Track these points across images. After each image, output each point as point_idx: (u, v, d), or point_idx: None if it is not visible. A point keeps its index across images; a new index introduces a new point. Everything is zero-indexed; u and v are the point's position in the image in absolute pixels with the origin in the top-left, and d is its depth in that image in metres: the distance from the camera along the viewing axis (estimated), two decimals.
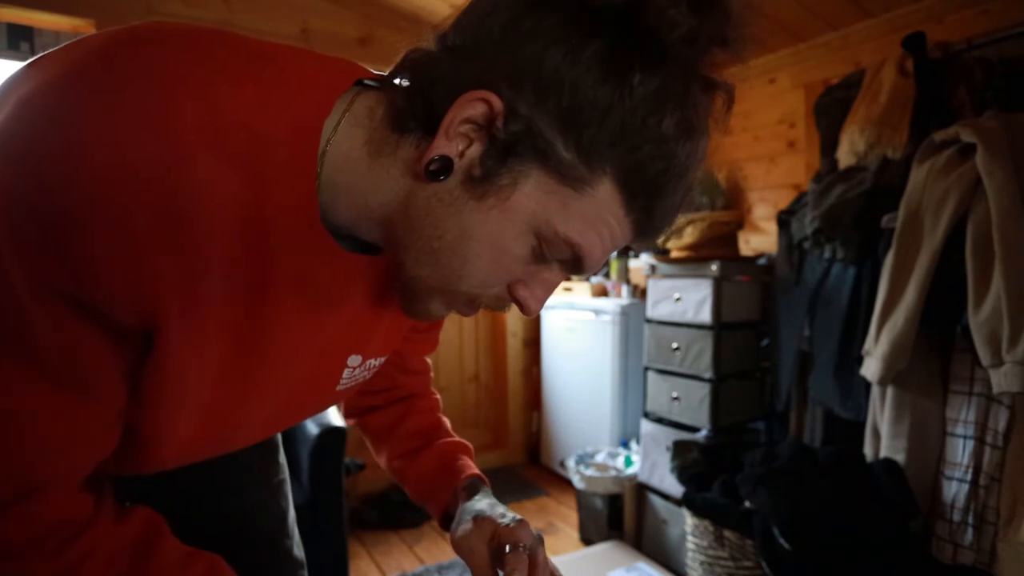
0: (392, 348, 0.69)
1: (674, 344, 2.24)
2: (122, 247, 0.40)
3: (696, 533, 1.85)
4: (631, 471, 2.40)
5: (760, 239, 2.54)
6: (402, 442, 0.81)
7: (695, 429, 2.20)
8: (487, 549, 0.61)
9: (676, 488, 2.06)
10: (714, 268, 2.13)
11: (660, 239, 0.53)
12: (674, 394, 2.25)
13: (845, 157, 1.92)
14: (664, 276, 2.33)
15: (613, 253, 0.65)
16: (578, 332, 2.95)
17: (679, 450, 2.05)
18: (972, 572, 1.44)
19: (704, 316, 2.13)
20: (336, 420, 1.85)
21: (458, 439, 0.81)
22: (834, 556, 1.48)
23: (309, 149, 0.46)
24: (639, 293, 2.86)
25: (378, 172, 0.48)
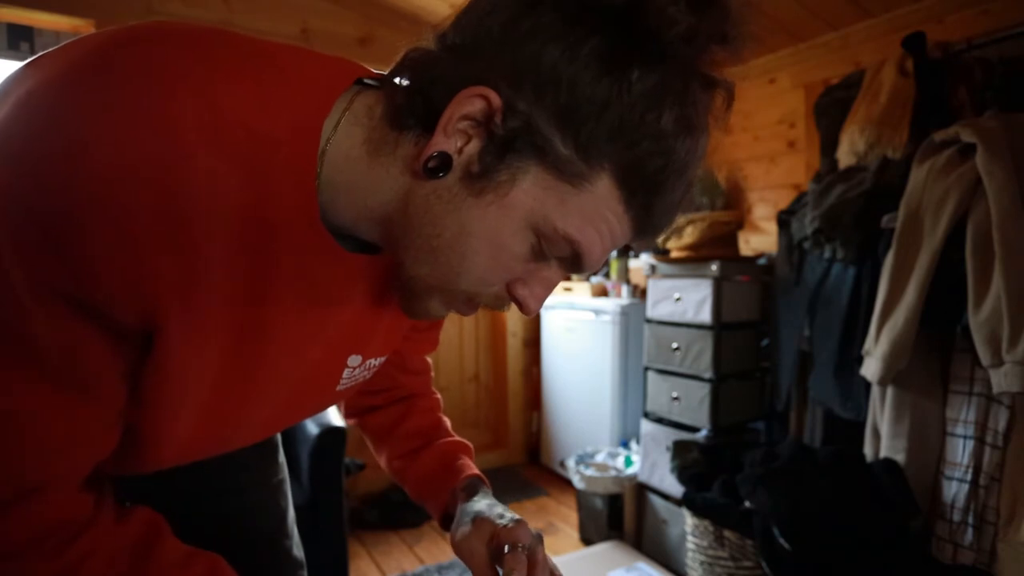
0: (392, 348, 0.69)
1: (674, 344, 2.24)
2: (122, 247, 0.39)
3: (696, 533, 1.85)
4: (631, 471, 2.40)
5: (760, 239, 2.54)
6: (402, 442, 0.81)
7: (695, 429, 2.20)
8: (486, 550, 0.61)
9: (676, 488, 2.05)
10: (714, 268, 2.13)
11: (660, 238, 0.53)
12: (674, 394, 2.25)
13: (845, 157, 1.92)
14: (664, 276, 2.33)
15: (613, 252, 0.65)
16: (578, 332, 2.95)
17: (679, 450, 2.05)
18: (972, 572, 1.44)
19: (704, 316, 2.13)
20: (336, 420, 1.85)
21: (458, 439, 0.81)
22: (834, 556, 1.48)
23: (309, 148, 0.45)
24: (639, 293, 2.86)
25: (377, 171, 0.47)
